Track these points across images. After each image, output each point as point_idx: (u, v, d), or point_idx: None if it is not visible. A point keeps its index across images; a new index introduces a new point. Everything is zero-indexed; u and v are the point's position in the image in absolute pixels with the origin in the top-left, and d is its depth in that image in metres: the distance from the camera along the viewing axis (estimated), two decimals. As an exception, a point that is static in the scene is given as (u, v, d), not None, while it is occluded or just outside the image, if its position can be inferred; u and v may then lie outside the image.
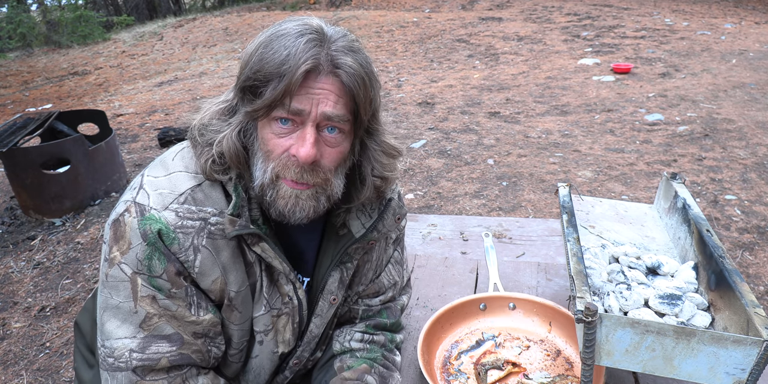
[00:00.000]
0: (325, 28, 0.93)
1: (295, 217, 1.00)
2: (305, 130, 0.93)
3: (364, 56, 0.95)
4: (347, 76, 0.91)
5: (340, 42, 0.93)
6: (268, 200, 0.99)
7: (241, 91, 0.95)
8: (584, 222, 1.61)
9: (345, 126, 0.96)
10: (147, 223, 0.94)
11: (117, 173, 4.30)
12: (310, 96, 0.91)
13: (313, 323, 1.18)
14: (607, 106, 5.81)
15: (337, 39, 0.93)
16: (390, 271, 1.33)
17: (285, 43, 0.89)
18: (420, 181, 4.28)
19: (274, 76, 0.89)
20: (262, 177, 0.97)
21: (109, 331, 0.99)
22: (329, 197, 1.02)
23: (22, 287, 3.23)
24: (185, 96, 7.64)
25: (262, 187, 0.98)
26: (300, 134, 0.93)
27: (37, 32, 13.91)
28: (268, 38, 0.92)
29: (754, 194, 3.81)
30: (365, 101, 0.95)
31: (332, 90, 0.92)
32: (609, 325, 1.01)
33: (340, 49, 0.92)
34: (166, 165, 1.02)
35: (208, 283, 1.00)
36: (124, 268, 0.96)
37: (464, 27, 10.50)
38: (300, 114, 0.92)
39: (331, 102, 0.92)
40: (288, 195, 0.97)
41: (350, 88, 0.92)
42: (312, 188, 0.98)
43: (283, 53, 0.88)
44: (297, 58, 0.88)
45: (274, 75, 0.89)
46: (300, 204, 0.98)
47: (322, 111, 0.92)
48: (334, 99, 0.92)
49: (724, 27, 9.59)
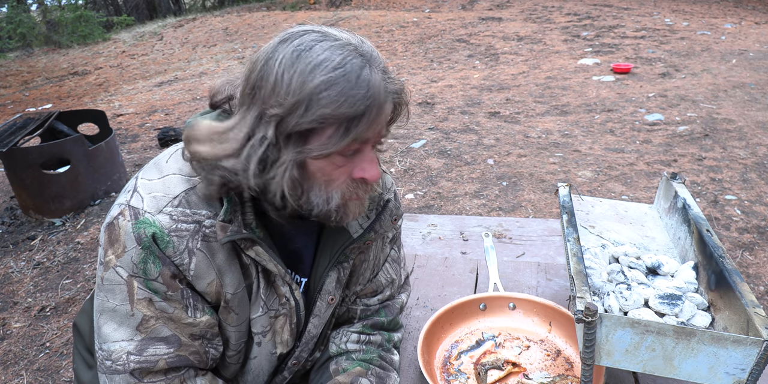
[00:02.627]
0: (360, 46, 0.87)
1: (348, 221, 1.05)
2: (368, 153, 0.94)
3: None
4: (398, 98, 0.93)
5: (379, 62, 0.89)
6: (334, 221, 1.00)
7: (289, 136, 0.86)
8: (584, 222, 1.61)
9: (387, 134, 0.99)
10: (141, 226, 0.93)
11: (117, 173, 4.30)
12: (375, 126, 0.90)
13: (311, 324, 1.18)
14: (607, 106, 5.81)
15: (374, 56, 0.89)
16: (387, 270, 1.33)
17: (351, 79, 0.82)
18: (420, 181, 4.28)
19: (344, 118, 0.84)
20: (325, 204, 0.96)
21: (106, 334, 0.99)
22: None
23: (22, 287, 3.23)
24: (185, 96, 7.64)
25: (327, 213, 0.97)
26: (363, 157, 0.94)
27: (37, 32, 13.92)
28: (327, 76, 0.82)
29: (754, 194, 3.81)
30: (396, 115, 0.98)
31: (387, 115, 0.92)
32: (609, 325, 1.01)
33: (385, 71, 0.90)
34: (160, 167, 1.01)
35: (203, 285, 1.00)
36: (119, 271, 0.95)
37: (464, 27, 10.50)
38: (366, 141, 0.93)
39: (384, 124, 0.93)
40: (356, 208, 1.01)
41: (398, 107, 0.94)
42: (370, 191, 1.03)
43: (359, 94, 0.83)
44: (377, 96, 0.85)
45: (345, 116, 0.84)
46: (365, 207, 1.04)
47: (381, 135, 0.94)
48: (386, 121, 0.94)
49: (724, 27, 9.59)
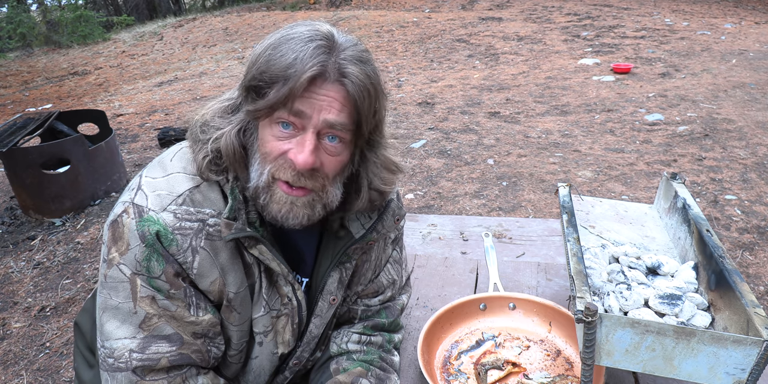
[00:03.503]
0: (336, 35, 0.93)
1: (289, 223, 0.99)
2: (305, 136, 0.92)
3: (372, 68, 0.95)
4: (353, 85, 0.91)
5: (350, 51, 0.92)
6: (262, 203, 0.98)
7: (246, 90, 0.95)
8: (584, 222, 1.61)
9: (346, 135, 0.95)
10: (145, 224, 0.94)
11: (117, 173, 4.30)
12: (314, 101, 0.90)
13: (312, 324, 1.18)
14: (607, 106, 5.81)
15: (346, 48, 0.92)
16: (389, 271, 1.33)
17: (293, 46, 0.89)
18: (420, 181, 4.28)
19: (279, 78, 0.88)
20: (257, 179, 0.96)
21: (108, 332, 0.99)
22: (325, 205, 1.01)
23: (22, 287, 3.23)
24: (185, 96, 7.64)
25: (257, 190, 0.97)
26: (300, 140, 0.93)
27: (37, 32, 13.92)
28: (278, 40, 0.91)
29: (754, 194, 3.80)
30: (369, 112, 0.95)
31: (336, 98, 0.91)
32: (609, 325, 1.01)
33: (348, 58, 0.91)
34: (165, 166, 1.02)
35: (206, 284, 1.00)
36: (123, 268, 0.96)
37: (464, 27, 10.50)
38: (301, 116, 0.91)
39: (334, 109, 0.91)
40: (282, 201, 0.96)
41: (355, 97, 0.91)
42: (308, 195, 0.97)
43: (290, 56, 0.88)
44: (304, 62, 0.87)
45: (279, 77, 0.88)
46: (294, 211, 0.97)
47: (324, 118, 0.91)
48: (337, 107, 0.91)
49: (724, 27, 9.59)
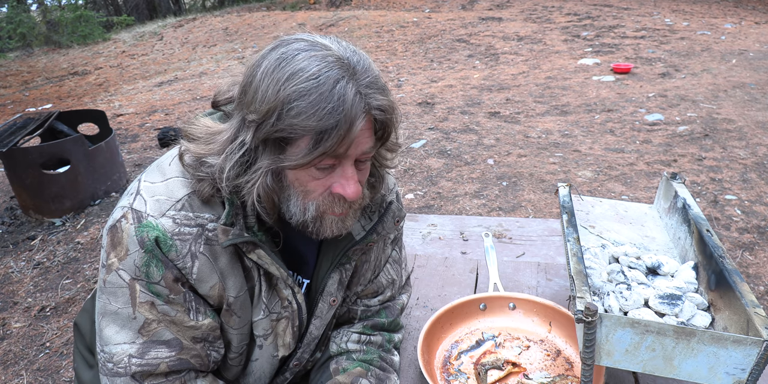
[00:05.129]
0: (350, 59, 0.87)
1: (339, 236, 1.04)
2: (347, 170, 0.93)
3: (383, 83, 0.93)
4: (382, 114, 0.91)
5: (365, 76, 0.88)
6: (312, 231, 1.00)
7: (265, 141, 0.89)
8: (584, 222, 1.61)
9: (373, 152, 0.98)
10: (144, 230, 0.93)
11: (117, 173, 4.30)
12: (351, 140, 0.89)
13: (312, 325, 1.18)
14: (607, 106, 5.81)
15: (360, 71, 0.88)
16: (388, 271, 1.33)
17: (323, 90, 0.82)
18: (420, 181, 4.28)
19: (314, 130, 0.84)
20: (302, 215, 0.97)
21: (108, 337, 0.99)
22: (362, 207, 1.07)
23: (22, 287, 3.23)
24: (185, 96, 7.64)
25: (304, 223, 0.99)
26: (342, 173, 0.93)
27: (37, 32, 13.91)
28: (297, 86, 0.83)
29: (754, 194, 3.80)
30: (394, 130, 0.97)
31: (369, 128, 0.91)
32: (609, 325, 1.01)
33: (370, 85, 0.88)
34: (163, 170, 1.01)
35: (206, 289, 1.00)
36: (122, 274, 0.95)
37: (464, 27, 10.50)
38: (341, 156, 0.91)
39: (368, 139, 0.92)
40: (335, 224, 1.01)
41: (384, 123, 0.93)
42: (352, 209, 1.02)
43: (326, 107, 0.82)
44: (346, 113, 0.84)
45: (315, 129, 0.83)
46: (346, 226, 1.03)
47: (362, 150, 0.92)
48: (369, 135, 0.92)
49: (724, 27, 9.59)
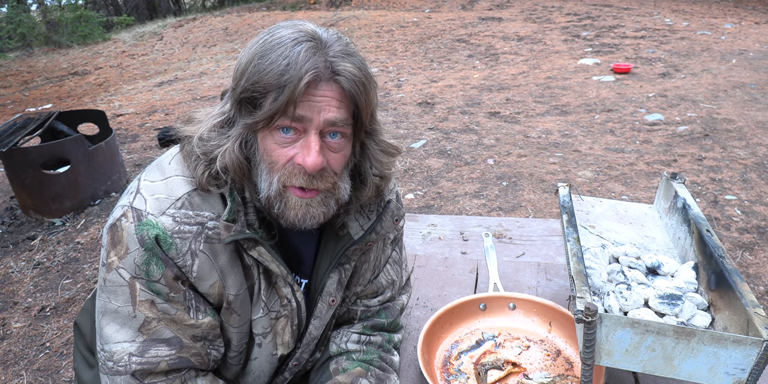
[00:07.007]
0: (319, 32, 0.92)
1: (306, 225, 0.99)
2: (309, 138, 0.92)
3: (360, 59, 0.94)
4: (347, 81, 0.90)
5: (336, 46, 0.91)
6: (277, 212, 0.98)
7: (239, 103, 0.93)
8: (584, 222, 1.61)
9: (347, 130, 0.96)
10: (144, 228, 0.94)
11: (117, 173, 4.30)
12: (312, 104, 0.90)
13: (312, 325, 1.18)
14: (607, 106, 5.81)
15: (332, 43, 0.91)
16: (388, 271, 1.33)
17: (282, 52, 0.87)
18: (420, 181, 4.28)
19: (274, 87, 0.87)
20: (268, 189, 0.96)
21: (108, 335, 0.99)
22: (338, 201, 1.02)
23: (22, 287, 3.22)
24: (185, 96, 7.65)
25: (269, 200, 0.97)
26: (304, 143, 0.92)
27: (37, 32, 13.92)
28: (263, 48, 0.89)
29: (754, 194, 3.80)
30: (366, 104, 0.95)
31: (334, 96, 0.91)
32: (609, 325, 1.01)
33: (337, 55, 0.90)
34: (163, 169, 1.02)
35: (206, 287, 1.00)
36: (122, 272, 0.95)
37: (464, 27, 10.50)
38: (302, 121, 0.90)
39: (333, 108, 0.91)
40: (297, 205, 0.97)
41: (351, 92, 0.92)
42: (320, 194, 0.98)
43: (281, 63, 0.86)
44: (298, 67, 0.86)
45: (274, 86, 0.87)
46: (311, 212, 0.98)
47: (325, 118, 0.91)
48: (336, 105, 0.91)
49: (724, 27, 9.59)
